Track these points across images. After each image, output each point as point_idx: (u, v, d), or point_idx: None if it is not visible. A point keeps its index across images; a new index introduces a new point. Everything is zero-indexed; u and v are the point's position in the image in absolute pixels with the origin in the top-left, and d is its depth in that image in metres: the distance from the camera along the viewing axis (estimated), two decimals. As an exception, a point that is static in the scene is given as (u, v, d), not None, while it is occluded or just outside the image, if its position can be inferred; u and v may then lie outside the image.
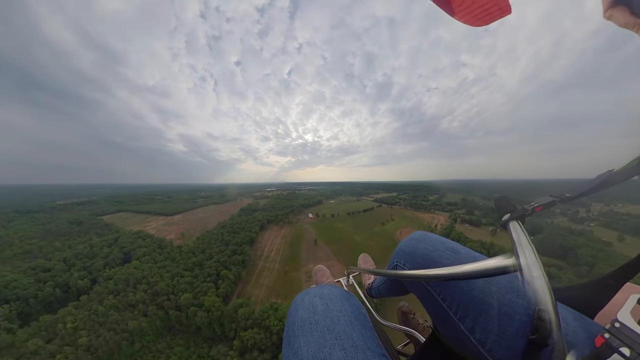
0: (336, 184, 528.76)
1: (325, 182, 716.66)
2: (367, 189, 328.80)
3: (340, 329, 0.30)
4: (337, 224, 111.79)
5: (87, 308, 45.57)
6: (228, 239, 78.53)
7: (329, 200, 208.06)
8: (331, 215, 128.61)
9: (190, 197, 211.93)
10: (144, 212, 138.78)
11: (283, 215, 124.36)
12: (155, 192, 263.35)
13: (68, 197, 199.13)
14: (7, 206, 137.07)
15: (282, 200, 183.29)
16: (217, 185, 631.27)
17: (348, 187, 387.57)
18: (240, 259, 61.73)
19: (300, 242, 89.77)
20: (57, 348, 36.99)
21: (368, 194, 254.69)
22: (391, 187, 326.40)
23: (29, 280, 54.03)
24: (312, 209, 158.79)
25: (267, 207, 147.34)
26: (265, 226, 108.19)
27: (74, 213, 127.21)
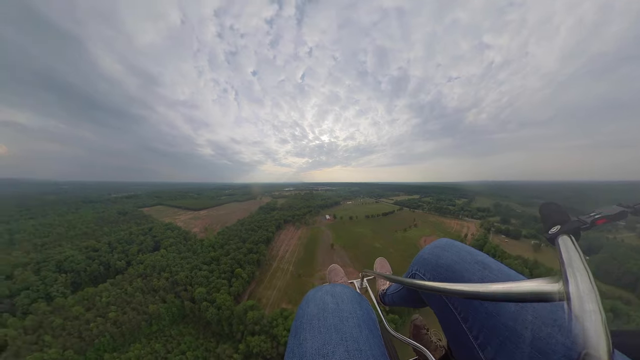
0: (353, 185, 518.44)
1: (342, 183, 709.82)
2: (386, 190, 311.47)
3: (348, 330, 0.30)
4: (355, 228, 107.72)
5: (119, 286, 52.19)
6: (246, 236, 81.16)
7: (347, 201, 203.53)
8: (349, 218, 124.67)
9: (216, 194, 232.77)
10: (176, 207, 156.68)
11: (300, 216, 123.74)
12: (187, 189, 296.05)
13: (120, 191, 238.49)
14: (76, 197, 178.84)
15: (299, 200, 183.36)
16: (240, 185, 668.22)
17: (366, 188, 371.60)
18: (255, 258, 62.06)
19: (316, 244, 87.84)
20: (92, 317, 42.77)
21: (387, 196, 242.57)
22: (412, 189, 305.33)
23: (81, 256, 65.16)
24: (330, 210, 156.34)
25: (285, 207, 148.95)
26: (282, 226, 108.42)
27: (122, 205, 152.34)
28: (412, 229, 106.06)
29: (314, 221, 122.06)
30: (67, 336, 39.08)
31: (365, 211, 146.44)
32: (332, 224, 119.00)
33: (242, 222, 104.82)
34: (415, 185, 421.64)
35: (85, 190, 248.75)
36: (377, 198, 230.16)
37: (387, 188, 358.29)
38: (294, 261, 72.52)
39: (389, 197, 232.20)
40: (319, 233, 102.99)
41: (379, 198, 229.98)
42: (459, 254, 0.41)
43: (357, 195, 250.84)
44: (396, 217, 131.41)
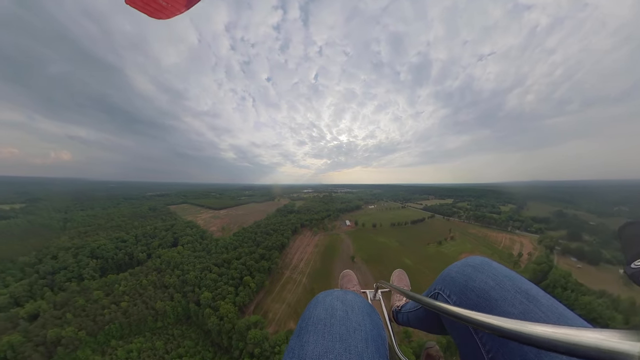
0: (375, 187, 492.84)
1: (362, 185, 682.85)
2: (413, 193, 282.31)
3: (353, 343, 0.28)
4: (379, 238, 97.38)
5: (136, 277, 56.12)
6: (260, 239, 78.91)
7: (369, 205, 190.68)
8: (372, 226, 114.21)
9: (236, 195, 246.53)
10: (200, 205, 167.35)
11: (318, 220, 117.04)
12: (211, 189, 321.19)
13: (154, 190, 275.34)
14: (119, 195, 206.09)
15: (318, 203, 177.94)
16: (260, 186, 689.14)
17: (389, 191, 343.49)
18: (266, 266, 58.56)
19: (334, 254, 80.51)
20: (107, 303, 46.77)
21: (415, 200, 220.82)
22: (444, 192, 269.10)
23: (111, 245, 72.31)
24: (350, 214, 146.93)
25: (303, 209, 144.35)
26: (299, 230, 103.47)
27: (153, 202, 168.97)
28: (448, 242, 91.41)
29: (332, 227, 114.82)
30: (85, 317, 42.37)
31: (390, 218, 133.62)
32: (353, 231, 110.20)
33: (258, 224, 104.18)
34: (446, 187, 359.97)
35: (127, 189, 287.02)
36: (403, 202, 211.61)
37: (414, 190, 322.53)
38: (308, 272, 65.83)
39: (416, 201, 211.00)
40: (338, 241, 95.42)
41: (405, 202, 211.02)
42: (497, 277, 0.33)
43: (379, 199, 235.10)
44: (427, 226, 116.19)
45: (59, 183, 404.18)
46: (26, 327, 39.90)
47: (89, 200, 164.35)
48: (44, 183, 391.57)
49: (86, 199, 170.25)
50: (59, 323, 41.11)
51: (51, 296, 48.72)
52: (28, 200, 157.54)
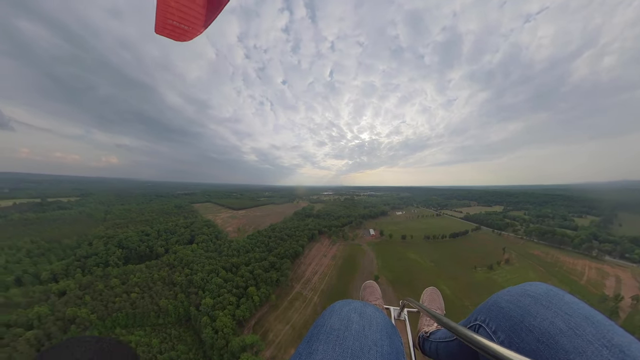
0: (402, 189, 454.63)
1: (388, 187, 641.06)
2: (449, 197, 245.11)
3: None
4: (409, 253, 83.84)
5: (150, 271, 59.41)
6: (273, 245, 76.93)
7: (396, 211, 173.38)
8: (401, 237, 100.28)
9: (256, 195, 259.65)
10: (221, 205, 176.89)
11: (338, 227, 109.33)
12: (233, 190, 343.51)
13: (183, 189, 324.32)
14: (152, 193, 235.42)
15: (338, 207, 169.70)
16: (280, 187, 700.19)
17: (420, 194, 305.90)
18: (275, 278, 55.18)
19: (353, 270, 70.65)
20: (120, 292, 50.43)
21: (452, 206, 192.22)
22: (489, 197, 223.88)
23: (136, 238, 79.37)
24: (375, 222, 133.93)
25: (322, 214, 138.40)
26: (316, 237, 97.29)
27: (180, 200, 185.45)
28: (501, 266, 73.28)
29: (354, 235, 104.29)
30: (99, 302, 46.42)
31: (423, 228, 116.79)
32: (378, 242, 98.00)
33: (274, 227, 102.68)
34: (492, 191, 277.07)
35: (160, 188, 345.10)
36: (437, 209, 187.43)
37: (450, 194, 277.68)
38: (322, 289, 58.62)
39: (454, 208, 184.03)
40: (360, 253, 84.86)
41: (440, 209, 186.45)
42: (570, 318, 0.24)
43: (408, 203, 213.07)
44: (472, 241, 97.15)
45: (108, 182, 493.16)
46: (54, 302, 45.95)
47: (128, 197, 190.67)
48: (96, 182, 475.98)
49: (126, 196, 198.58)
50: (79, 303, 46.03)
51: (80, 278, 55.59)
52: (81, 195, 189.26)
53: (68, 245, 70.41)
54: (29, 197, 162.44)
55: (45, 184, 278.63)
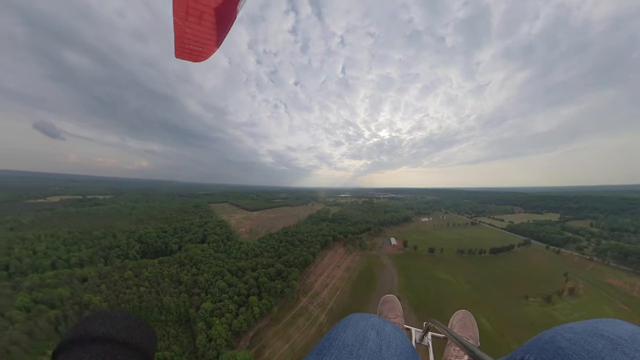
0: (427, 192, 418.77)
1: (410, 189, 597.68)
2: (486, 201, 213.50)
3: None
4: (439, 272, 72.90)
5: (161, 267, 62.86)
6: (282, 250, 75.64)
7: (422, 217, 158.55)
8: (429, 250, 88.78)
9: (271, 197, 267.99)
10: (237, 205, 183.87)
11: (354, 234, 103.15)
12: (250, 191, 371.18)
13: (203, 190, 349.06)
14: (175, 193, 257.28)
15: (356, 211, 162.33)
16: (296, 189, 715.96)
17: (448, 197, 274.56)
18: (279, 288, 53.08)
19: (370, 287, 63.29)
20: (131, 284, 53.43)
21: (490, 212, 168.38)
22: (540, 200, 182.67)
23: (155, 234, 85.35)
24: (397, 229, 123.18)
25: (338, 218, 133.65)
26: (330, 244, 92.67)
27: (199, 200, 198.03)
28: (563, 298, 58.40)
29: (372, 245, 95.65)
30: (112, 291, 50.42)
31: (455, 239, 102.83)
32: (400, 255, 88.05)
33: (286, 230, 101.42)
34: (542, 194, 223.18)
35: (183, 188, 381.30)
36: (472, 215, 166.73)
37: (486, 197, 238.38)
38: (331, 307, 53.27)
39: (493, 215, 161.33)
40: (378, 267, 76.40)
41: (475, 215, 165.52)
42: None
43: (435, 208, 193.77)
44: (519, 260, 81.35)
45: (138, 182, 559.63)
46: (76, 286, 51.62)
47: (154, 195, 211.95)
48: (129, 182, 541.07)
49: (152, 194, 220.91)
50: (96, 290, 50.78)
51: (101, 267, 61.60)
52: (115, 193, 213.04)
53: (96, 237, 78.53)
54: (73, 194, 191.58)
55: (88, 184, 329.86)
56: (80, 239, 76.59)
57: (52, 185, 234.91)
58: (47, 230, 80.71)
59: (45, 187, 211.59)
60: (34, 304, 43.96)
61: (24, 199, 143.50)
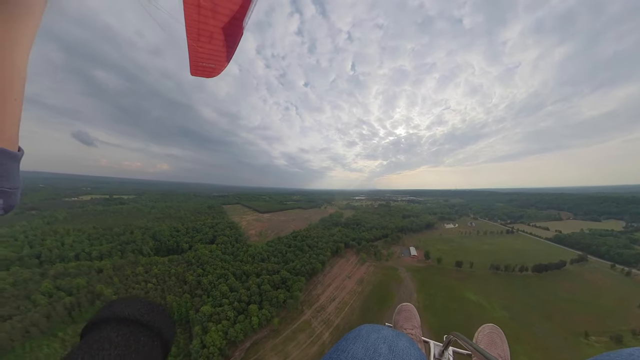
0: (451, 194, 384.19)
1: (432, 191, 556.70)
2: (524, 205, 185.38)
3: None
4: (468, 291, 63.86)
5: (170, 265, 66.07)
6: (290, 256, 74.52)
7: (446, 223, 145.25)
8: (455, 264, 78.78)
9: (284, 199, 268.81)
10: (249, 207, 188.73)
11: (369, 241, 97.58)
12: (263, 193, 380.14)
13: (218, 191, 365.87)
14: (192, 193, 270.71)
15: (371, 215, 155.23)
16: (309, 191, 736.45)
17: (477, 200, 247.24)
18: (282, 298, 51.65)
19: (384, 304, 58.19)
20: (141, 280, 56.74)
21: (529, 218, 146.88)
22: (595, 204, 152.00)
23: (168, 232, 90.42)
24: (417, 237, 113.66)
25: (351, 222, 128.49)
26: (341, 251, 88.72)
27: (214, 201, 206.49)
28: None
29: (389, 254, 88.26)
30: (122, 285, 54.08)
31: (487, 251, 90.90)
32: (421, 268, 79.67)
33: (295, 234, 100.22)
34: (601, 194, 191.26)
35: (200, 189, 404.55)
36: (506, 222, 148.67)
37: (524, 200, 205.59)
38: (337, 325, 49.32)
39: (534, 222, 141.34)
40: (395, 282, 69.68)
41: (511, 222, 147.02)
42: None
43: (462, 213, 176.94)
44: (574, 282, 68.26)
45: (159, 184, 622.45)
46: (92, 277, 55.95)
47: (172, 196, 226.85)
48: (151, 184, 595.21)
49: (170, 195, 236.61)
50: (109, 282, 54.70)
51: (116, 260, 66.52)
52: (137, 193, 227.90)
53: (116, 233, 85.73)
54: (101, 193, 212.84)
55: (115, 185, 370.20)
56: (103, 234, 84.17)
57: (85, 186, 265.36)
58: (76, 225, 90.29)
59: (78, 187, 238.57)
60: (56, 290, 48.86)
61: (60, 198, 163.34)
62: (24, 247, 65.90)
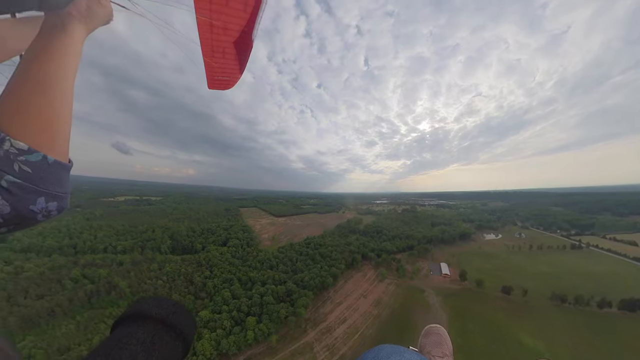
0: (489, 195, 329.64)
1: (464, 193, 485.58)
2: (593, 209, 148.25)
3: None
4: (520, 331, 51.40)
5: (182, 265, 70.02)
6: (300, 266, 72.82)
7: (486, 233, 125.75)
8: (502, 290, 64.16)
9: (301, 202, 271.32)
10: (264, 210, 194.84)
11: (391, 253, 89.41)
12: (280, 196, 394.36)
13: (238, 194, 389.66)
14: (212, 196, 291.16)
15: (394, 222, 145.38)
16: (327, 194, 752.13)
17: (524, 202, 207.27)
18: (284, 314, 49.33)
19: (405, 336, 49.22)
20: (153, 276, 61.46)
21: (603, 229, 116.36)
22: None
23: (185, 232, 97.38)
24: (450, 250, 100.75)
25: (371, 230, 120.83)
26: (357, 263, 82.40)
27: (232, 203, 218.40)
28: None
29: (415, 271, 78.15)
30: (137, 279, 59.23)
31: (546, 273, 75.26)
32: (456, 292, 68.50)
33: (309, 241, 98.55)
34: None
35: (220, 192, 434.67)
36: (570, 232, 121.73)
37: (592, 202, 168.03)
38: (344, 353, 44.04)
39: (612, 234, 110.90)
40: (421, 307, 61.78)
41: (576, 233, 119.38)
42: None
43: (507, 220, 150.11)
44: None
45: (184, 187, 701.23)
46: (113, 269, 62.49)
47: (194, 198, 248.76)
48: (178, 187, 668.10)
49: (193, 197, 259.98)
50: (125, 275, 60.02)
51: (136, 255, 73.28)
52: (164, 195, 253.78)
53: (140, 230, 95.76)
54: (134, 195, 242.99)
55: (146, 187, 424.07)
56: (129, 231, 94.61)
57: (120, 188, 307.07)
58: (108, 222, 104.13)
59: (115, 190, 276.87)
60: (82, 278, 56.40)
61: (99, 198, 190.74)
62: (64, 238, 78.09)
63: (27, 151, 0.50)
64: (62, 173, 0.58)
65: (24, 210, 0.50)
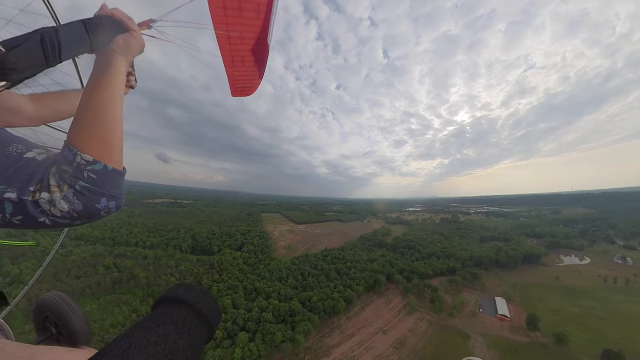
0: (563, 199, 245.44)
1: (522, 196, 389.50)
2: None
3: None
4: None
5: (196, 264, 76.33)
6: (312, 282, 69.68)
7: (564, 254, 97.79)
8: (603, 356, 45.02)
9: (324, 209, 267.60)
10: (286, 217, 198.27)
11: (424, 277, 77.24)
12: (303, 202, 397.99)
13: (262, 200, 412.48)
14: (238, 202, 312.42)
15: (431, 235, 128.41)
16: (353, 200, 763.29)
17: (619, 208, 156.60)
18: (279, 339, 46.66)
19: None
20: (168, 272, 68.32)
21: None
22: None
23: (205, 234, 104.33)
24: (509, 278, 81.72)
25: (401, 244, 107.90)
26: (381, 287, 73.04)
27: (255, 209, 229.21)
28: None
29: (456, 304, 65.06)
30: (154, 273, 66.63)
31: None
32: (520, 347, 51.13)
33: (326, 253, 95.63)
34: None
35: (246, 198, 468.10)
36: None
37: None
38: None
39: None
40: None
41: None
42: None
43: (596, 235, 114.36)
44: None
45: (214, 192, 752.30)
46: (138, 262, 71.06)
47: (221, 202, 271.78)
48: (208, 192, 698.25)
49: (221, 201, 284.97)
50: (146, 269, 67.86)
51: (159, 252, 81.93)
52: (195, 199, 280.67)
53: (167, 229, 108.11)
54: (169, 198, 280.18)
55: (180, 192, 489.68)
56: (159, 229, 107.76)
57: (160, 192, 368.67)
58: (144, 220, 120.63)
59: (155, 193, 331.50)
60: (113, 266, 66.18)
61: (142, 199, 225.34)
62: (107, 231, 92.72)
63: (92, 162, 0.74)
64: (118, 178, 0.83)
65: (92, 208, 0.74)
